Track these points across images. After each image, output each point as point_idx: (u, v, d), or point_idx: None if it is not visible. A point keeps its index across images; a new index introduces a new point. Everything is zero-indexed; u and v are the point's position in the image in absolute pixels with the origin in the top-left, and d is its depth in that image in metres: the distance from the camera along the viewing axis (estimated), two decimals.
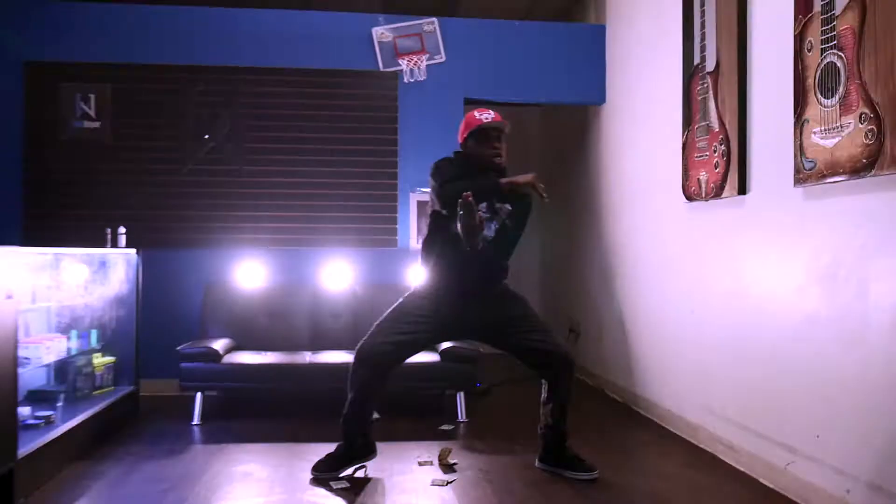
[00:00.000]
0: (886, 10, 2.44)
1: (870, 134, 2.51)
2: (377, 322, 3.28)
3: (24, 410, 3.48)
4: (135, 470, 3.32)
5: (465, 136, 3.23)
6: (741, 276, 3.44)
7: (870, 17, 2.51)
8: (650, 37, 4.58)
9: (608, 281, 5.24)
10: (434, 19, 5.24)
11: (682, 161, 4.00)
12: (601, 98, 5.41)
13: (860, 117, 2.56)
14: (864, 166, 2.54)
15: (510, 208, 3.19)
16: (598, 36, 5.40)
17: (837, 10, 2.68)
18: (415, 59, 5.18)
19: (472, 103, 5.41)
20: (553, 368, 3.23)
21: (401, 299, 3.34)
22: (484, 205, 3.12)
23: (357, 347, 3.22)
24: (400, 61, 5.18)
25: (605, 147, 5.41)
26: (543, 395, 3.30)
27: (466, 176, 3.09)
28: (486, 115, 3.20)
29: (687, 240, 4.04)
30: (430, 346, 3.40)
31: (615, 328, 5.09)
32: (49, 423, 3.40)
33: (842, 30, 2.65)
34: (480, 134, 3.17)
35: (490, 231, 3.16)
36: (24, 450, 2.94)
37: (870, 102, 2.51)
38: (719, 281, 3.66)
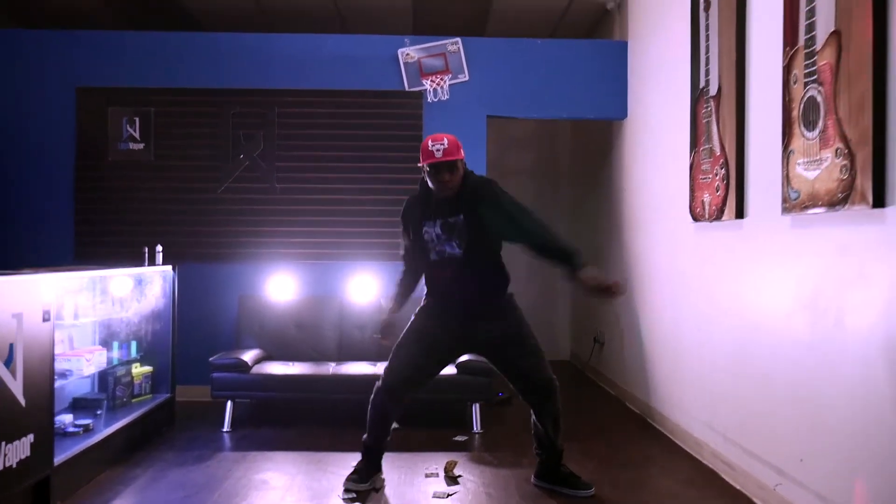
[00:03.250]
0: (859, 50, 2.50)
1: (844, 169, 2.57)
2: (395, 347, 3.42)
3: (66, 418, 3.80)
4: (163, 476, 3.60)
5: (422, 162, 3.29)
6: (740, 298, 3.51)
7: (844, 55, 2.58)
8: (665, 55, 4.65)
9: (628, 293, 5.32)
10: (458, 39, 5.40)
11: (689, 181, 4.08)
12: (623, 113, 5.49)
13: (836, 152, 2.62)
14: (839, 200, 2.60)
15: (462, 218, 3.26)
16: (620, 52, 5.48)
17: (818, 46, 2.74)
18: (438, 80, 5.36)
19: (495, 120, 5.57)
20: (536, 395, 3.34)
21: (412, 318, 3.51)
22: (434, 231, 3.29)
23: (382, 378, 3.37)
24: (424, 81, 5.36)
25: (627, 161, 5.48)
26: (533, 418, 3.43)
27: (427, 204, 3.33)
28: (438, 147, 3.21)
29: (694, 258, 4.11)
30: (448, 363, 3.57)
31: (634, 340, 5.17)
32: (87, 430, 3.70)
33: (821, 65, 2.72)
34: (431, 168, 3.24)
35: (453, 248, 3.27)
36: (62, 456, 3.23)
37: (844, 138, 2.58)
38: (722, 301, 3.73)
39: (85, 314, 4.12)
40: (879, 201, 2.40)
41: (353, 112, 5.40)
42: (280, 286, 5.28)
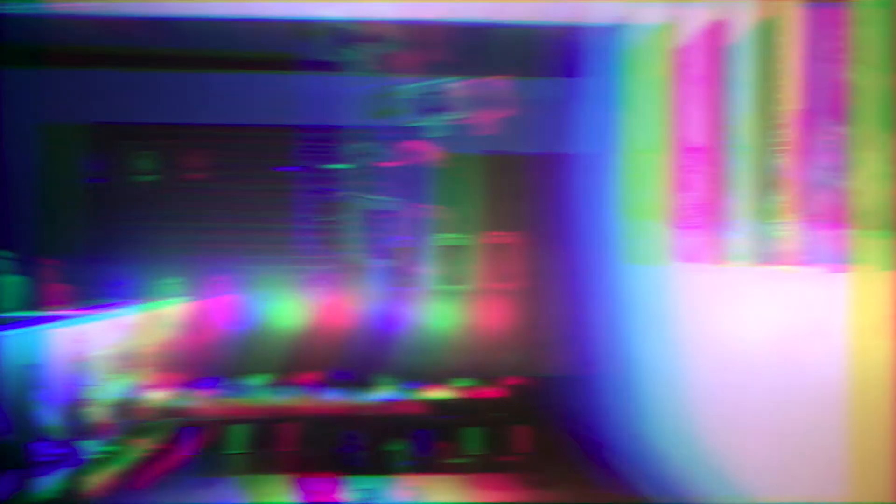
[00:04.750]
0: (817, 129, 2.80)
1: (804, 234, 2.87)
2: None
3: (89, 444, 4.06)
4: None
5: None
6: (719, 336, 3.81)
7: (804, 133, 2.88)
8: (653, 97, 4.91)
9: (617, 317, 5.61)
10: (454, 79, 5.69)
11: (676, 223, 4.37)
12: (614, 147, 5.77)
13: (798, 218, 2.92)
14: (800, 261, 2.90)
15: None
16: (610, 89, 5.76)
17: (783, 121, 3.04)
18: (435, 118, 5.66)
19: (489, 156, 5.87)
20: None
21: None
22: None
23: None
24: (421, 119, 5.67)
25: (622, 191, 5.76)
26: None
27: None
28: None
29: (679, 294, 4.40)
30: None
31: (620, 364, 5.46)
32: (109, 456, 3.96)
33: (786, 140, 3.02)
34: None
35: None
36: (89, 483, 3.51)
37: (804, 207, 2.88)
38: (702, 336, 4.02)
39: (108, 346, 4.40)
40: (833, 267, 2.70)
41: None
42: (290, 312, 5.56)
